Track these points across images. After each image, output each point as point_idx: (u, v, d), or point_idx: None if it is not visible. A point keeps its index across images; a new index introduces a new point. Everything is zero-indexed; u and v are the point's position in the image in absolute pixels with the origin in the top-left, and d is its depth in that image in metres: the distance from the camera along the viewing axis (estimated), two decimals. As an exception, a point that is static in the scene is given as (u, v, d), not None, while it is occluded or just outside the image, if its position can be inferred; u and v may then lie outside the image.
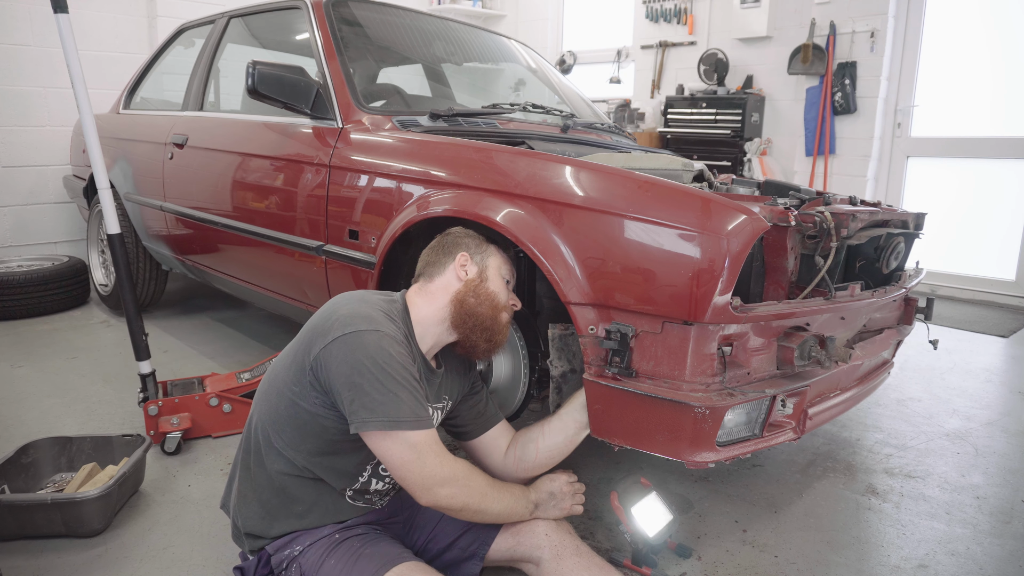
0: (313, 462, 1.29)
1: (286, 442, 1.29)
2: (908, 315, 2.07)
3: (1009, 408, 2.65)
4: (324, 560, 1.25)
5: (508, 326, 1.44)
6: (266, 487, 1.31)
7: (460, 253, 1.41)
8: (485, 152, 1.71)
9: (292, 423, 1.27)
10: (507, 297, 1.43)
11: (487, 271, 1.40)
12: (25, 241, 4.21)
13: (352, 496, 1.35)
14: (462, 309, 1.36)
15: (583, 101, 2.93)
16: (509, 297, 1.44)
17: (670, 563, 1.61)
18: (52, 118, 4.20)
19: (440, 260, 1.41)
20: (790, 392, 1.45)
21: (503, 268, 1.44)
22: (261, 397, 1.34)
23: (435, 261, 1.42)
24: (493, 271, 1.41)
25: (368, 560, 1.23)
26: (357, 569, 1.21)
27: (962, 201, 4.54)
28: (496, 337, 1.39)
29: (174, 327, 3.37)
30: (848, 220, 1.53)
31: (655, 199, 1.38)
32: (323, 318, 1.25)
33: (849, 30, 4.63)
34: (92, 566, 1.55)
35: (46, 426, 2.24)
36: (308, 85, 2.08)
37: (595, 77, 6.10)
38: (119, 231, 2.16)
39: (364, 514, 1.38)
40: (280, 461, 1.30)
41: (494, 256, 1.44)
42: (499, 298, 1.40)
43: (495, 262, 1.43)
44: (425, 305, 1.37)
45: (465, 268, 1.39)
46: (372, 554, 1.25)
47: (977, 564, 1.64)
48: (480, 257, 1.42)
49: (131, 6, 4.44)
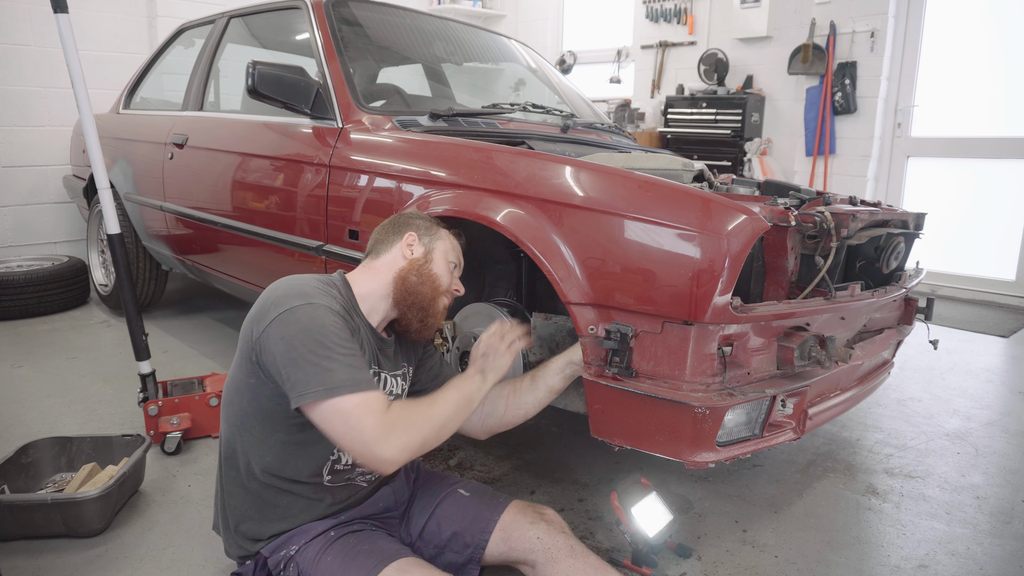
0: (287, 451, 1.28)
1: (257, 439, 1.28)
2: (908, 315, 2.07)
3: (1009, 408, 2.65)
4: (320, 558, 1.24)
5: (444, 312, 1.43)
6: (247, 489, 1.31)
7: (408, 233, 1.42)
8: (485, 152, 1.72)
9: (257, 417, 1.27)
10: (449, 281, 1.43)
11: (433, 253, 1.41)
12: (25, 241, 4.21)
13: (331, 478, 1.33)
14: (403, 286, 1.37)
15: (583, 101, 2.93)
16: (452, 282, 1.44)
17: (670, 563, 1.61)
18: (52, 118, 4.20)
19: (389, 238, 1.43)
20: (790, 392, 1.45)
21: (450, 253, 1.44)
22: (225, 404, 1.34)
23: (384, 239, 1.43)
24: (439, 254, 1.42)
25: (366, 557, 1.22)
26: (355, 566, 1.21)
27: (962, 201, 4.54)
28: (429, 319, 1.39)
29: (174, 327, 3.37)
30: (848, 220, 1.53)
31: (655, 199, 1.38)
32: (259, 305, 1.26)
33: (849, 30, 4.63)
34: (92, 566, 1.55)
35: (46, 426, 2.24)
36: (308, 85, 2.08)
37: (595, 77, 6.10)
38: (119, 231, 2.16)
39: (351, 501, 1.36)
40: (255, 461, 1.29)
41: (443, 240, 1.44)
42: (440, 280, 1.40)
43: (443, 246, 1.43)
44: (369, 280, 1.38)
45: (411, 248, 1.40)
46: (370, 551, 1.24)
47: (977, 564, 1.64)
48: (428, 239, 1.42)
49: (131, 6, 4.44)
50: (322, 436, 1.24)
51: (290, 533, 1.30)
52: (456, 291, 1.45)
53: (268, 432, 1.27)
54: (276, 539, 1.30)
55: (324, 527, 1.30)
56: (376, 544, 1.27)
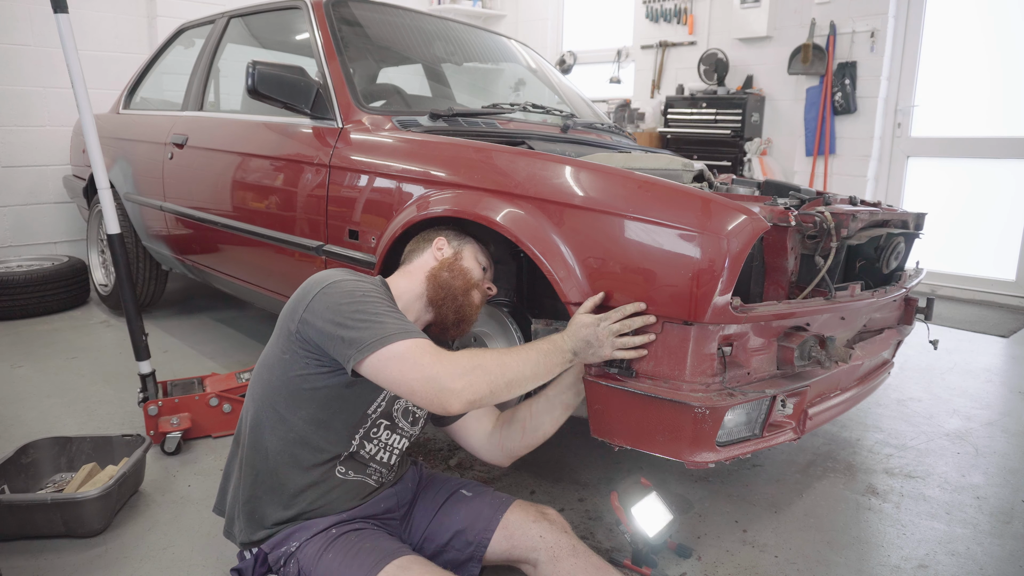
0: (308, 431, 1.30)
1: (280, 415, 1.31)
2: (908, 315, 2.07)
3: (1009, 408, 2.65)
4: (322, 554, 1.24)
5: (479, 307, 1.48)
6: (260, 470, 1.32)
7: (438, 238, 1.51)
8: (485, 152, 1.71)
9: (284, 392, 1.30)
10: (481, 277, 1.49)
11: (462, 252, 1.49)
12: (25, 241, 4.21)
13: (344, 470, 1.35)
14: (436, 283, 1.43)
15: (583, 101, 2.93)
16: (484, 280, 1.50)
17: (670, 563, 1.61)
18: (52, 118, 4.20)
19: (420, 247, 1.52)
20: (790, 392, 1.45)
21: (479, 255, 1.52)
22: (254, 381, 1.37)
23: (415, 248, 1.53)
24: (468, 254, 1.50)
25: (368, 554, 1.22)
26: (357, 562, 1.21)
27: (962, 201, 4.54)
28: (465, 312, 1.44)
29: (174, 327, 3.37)
30: (848, 220, 1.53)
31: (655, 199, 1.38)
32: (303, 287, 1.32)
33: (849, 30, 4.63)
34: (92, 566, 1.55)
35: (46, 426, 2.24)
36: (308, 85, 2.08)
37: (595, 77, 6.10)
38: (119, 231, 2.16)
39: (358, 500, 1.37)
40: (274, 437, 1.31)
41: (471, 244, 1.52)
42: (472, 274, 1.46)
43: (471, 248, 1.51)
44: (404, 282, 1.46)
45: (441, 250, 1.49)
46: (372, 548, 1.24)
47: (977, 564, 1.64)
48: (457, 242, 1.51)
49: (131, 6, 4.44)
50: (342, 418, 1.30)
51: (291, 529, 1.30)
52: (489, 289, 1.51)
53: (292, 409, 1.30)
54: (277, 533, 1.31)
55: (326, 524, 1.30)
56: (378, 542, 1.27)
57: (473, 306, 1.45)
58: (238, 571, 1.34)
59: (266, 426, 1.32)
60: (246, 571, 1.31)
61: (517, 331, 1.69)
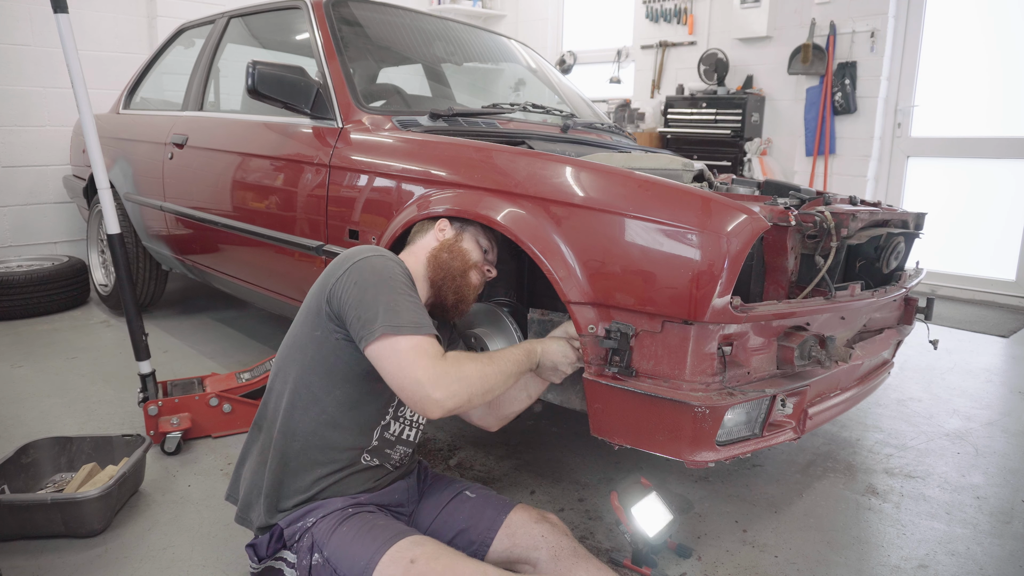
0: (339, 413, 1.34)
1: (315, 395, 1.33)
2: (908, 315, 2.07)
3: (1009, 408, 2.65)
4: (337, 528, 1.28)
5: (478, 288, 1.51)
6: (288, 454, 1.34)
7: (441, 220, 1.56)
8: (485, 152, 1.71)
9: (319, 369, 1.33)
10: (480, 257, 1.52)
11: (463, 234, 1.53)
12: (25, 241, 4.21)
13: (369, 455, 1.38)
14: (436, 263, 1.47)
15: (583, 101, 2.93)
16: (483, 262, 1.53)
17: (670, 563, 1.61)
18: (52, 118, 4.20)
19: (424, 229, 1.58)
20: (790, 392, 1.45)
21: (481, 237, 1.55)
22: (282, 363, 1.39)
23: (419, 230, 1.58)
24: (469, 235, 1.54)
25: (381, 530, 1.26)
26: (371, 537, 1.25)
27: (962, 201, 4.54)
28: (464, 292, 1.47)
29: (174, 327, 3.37)
30: (848, 220, 1.53)
31: (655, 199, 1.38)
32: (335, 262, 1.35)
33: (849, 30, 4.63)
34: (92, 566, 1.55)
35: (46, 426, 2.24)
36: (308, 85, 2.08)
37: (595, 77, 6.10)
38: (119, 231, 2.16)
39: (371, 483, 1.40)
40: (306, 418, 1.33)
41: (474, 226, 1.56)
42: (470, 255, 1.50)
43: (474, 230, 1.55)
44: (409, 260, 1.49)
45: (443, 231, 1.53)
46: (385, 525, 1.28)
47: (977, 564, 1.64)
48: (459, 225, 1.55)
49: (131, 6, 4.44)
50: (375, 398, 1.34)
51: (309, 507, 1.33)
52: (488, 271, 1.53)
53: (327, 388, 1.33)
54: (295, 511, 1.33)
55: (342, 504, 1.34)
56: (391, 523, 1.31)
57: (471, 287, 1.48)
58: (253, 546, 1.36)
59: (299, 407, 1.34)
60: (260, 546, 1.34)
61: (517, 331, 1.69)
